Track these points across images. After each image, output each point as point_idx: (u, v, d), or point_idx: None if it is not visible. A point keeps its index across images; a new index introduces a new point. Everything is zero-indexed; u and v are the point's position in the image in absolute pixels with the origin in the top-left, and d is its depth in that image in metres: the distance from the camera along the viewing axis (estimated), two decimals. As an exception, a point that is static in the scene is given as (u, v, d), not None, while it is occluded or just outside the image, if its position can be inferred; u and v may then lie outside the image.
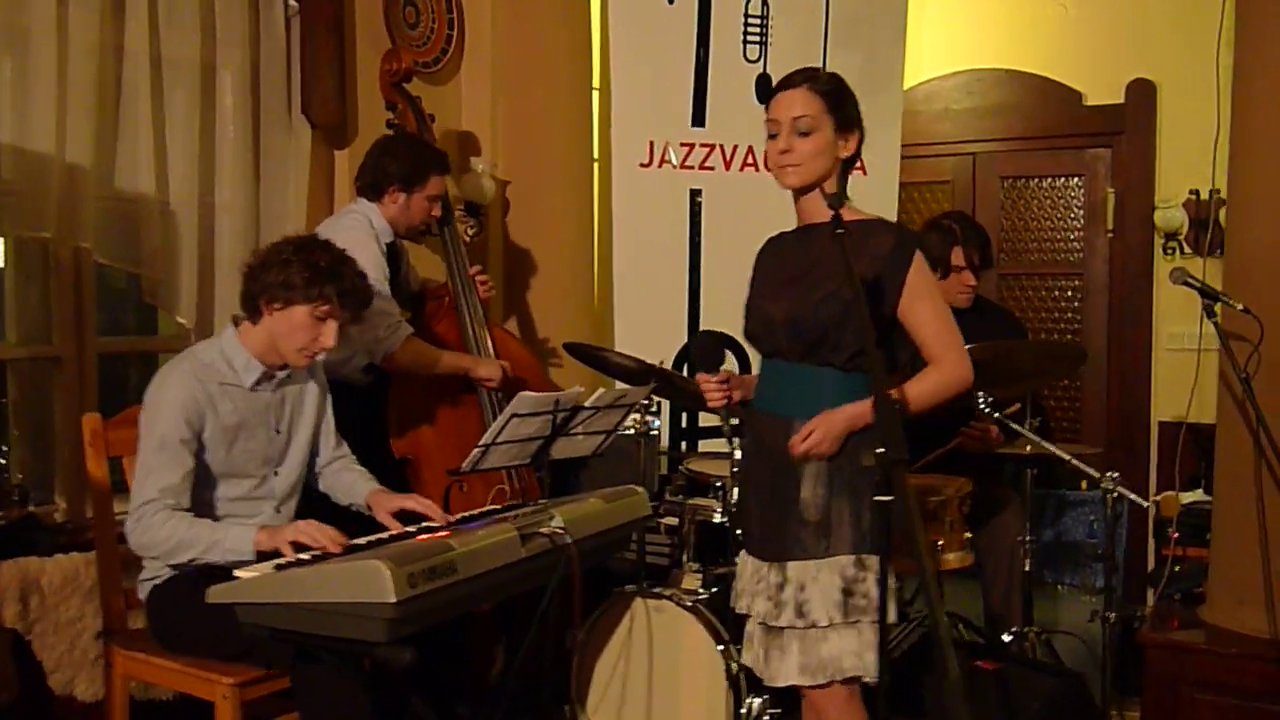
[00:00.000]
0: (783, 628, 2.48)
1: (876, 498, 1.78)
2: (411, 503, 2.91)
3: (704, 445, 4.68)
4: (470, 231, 4.45)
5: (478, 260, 4.61)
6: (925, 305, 2.47)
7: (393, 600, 2.11)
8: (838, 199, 2.27)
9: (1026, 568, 3.52)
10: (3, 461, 3.41)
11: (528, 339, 4.59)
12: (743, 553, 2.66)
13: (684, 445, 4.80)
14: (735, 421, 2.80)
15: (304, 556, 2.43)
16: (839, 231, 2.19)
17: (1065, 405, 5.78)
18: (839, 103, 2.52)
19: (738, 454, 2.86)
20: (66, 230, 3.26)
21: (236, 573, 2.35)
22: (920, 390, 2.46)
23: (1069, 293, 5.75)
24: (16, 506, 3.26)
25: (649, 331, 4.65)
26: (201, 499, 2.77)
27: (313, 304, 2.76)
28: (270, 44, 3.82)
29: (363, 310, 2.91)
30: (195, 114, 3.59)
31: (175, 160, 3.55)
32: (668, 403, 4.50)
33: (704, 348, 2.69)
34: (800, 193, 2.56)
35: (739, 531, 2.81)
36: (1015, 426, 3.27)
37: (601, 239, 4.88)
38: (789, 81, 2.56)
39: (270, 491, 2.91)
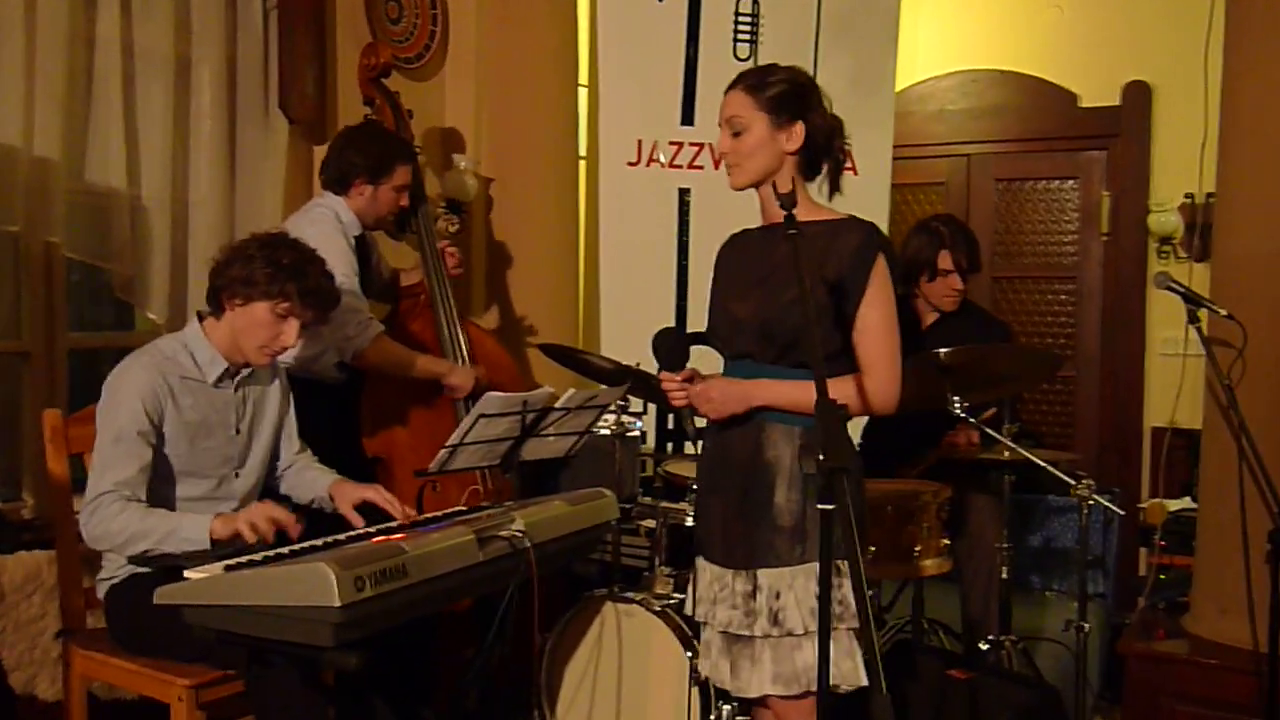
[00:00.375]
0: (754, 637, 2.43)
1: (820, 505, 1.72)
2: (373, 494, 2.87)
3: (691, 448, 4.63)
4: (452, 229, 4.40)
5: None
6: (874, 312, 2.41)
7: (337, 604, 2.07)
8: (789, 198, 2.22)
9: (1005, 574, 3.47)
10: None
11: (509, 339, 4.55)
12: (699, 559, 2.60)
13: (669, 447, 4.76)
14: (702, 423, 2.74)
15: (255, 557, 2.39)
16: (791, 233, 2.14)
17: (1058, 410, 5.73)
18: (770, 97, 2.47)
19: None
20: (35, 224, 3.22)
21: (186, 573, 2.31)
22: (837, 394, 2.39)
23: (1063, 296, 5.70)
24: (-19, 503, 3.23)
25: (636, 332, 4.54)
26: (161, 498, 2.73)
27: (273, 301, 2.73)
28: (248, 38, 3.77)
29: (328, 311, 2.87)
30: (169, 108, 3.55)
31: (148, 154, 3.50)
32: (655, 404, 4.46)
33: (665, 345, 2.64)
34: (762, 191, 2.51)
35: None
36: (991, 432, 3.22)
37: (588, 238, 4.84)
38: (730, 84, 2.54)
39: (231, 493, 2.87)
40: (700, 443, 2.72)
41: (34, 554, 3.13)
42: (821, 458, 1.67)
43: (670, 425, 4.70)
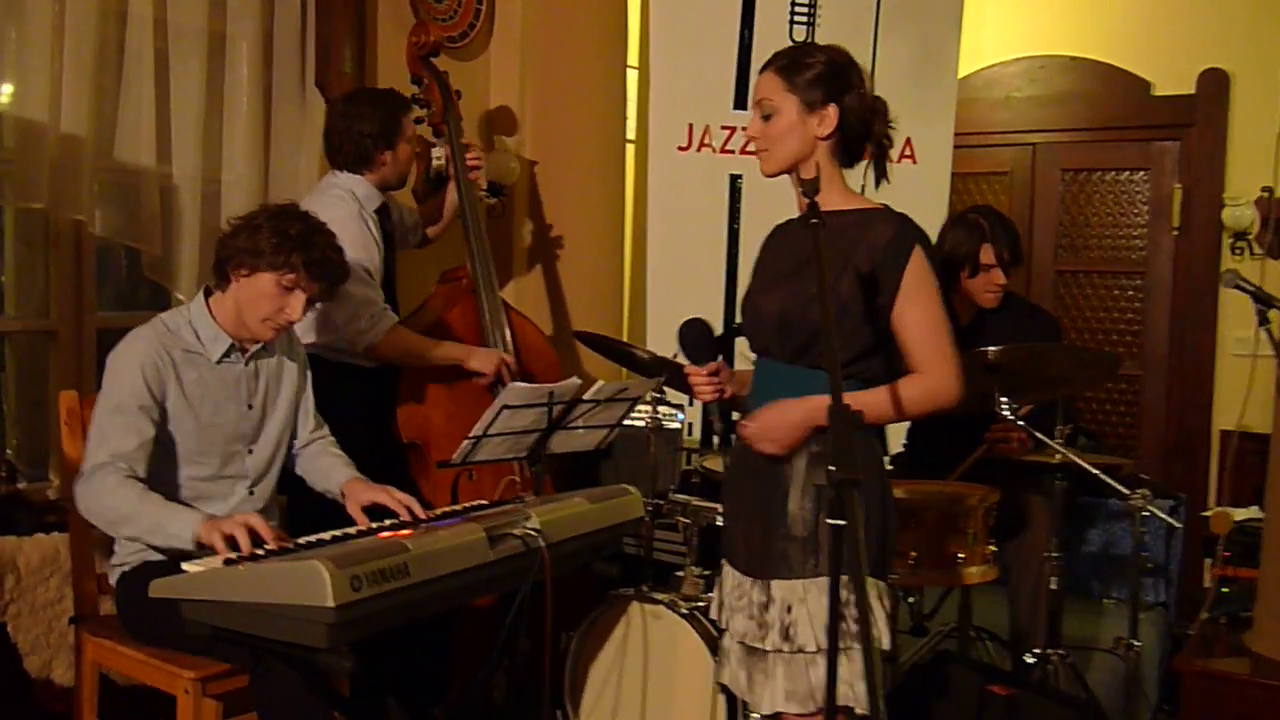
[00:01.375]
0: (767, 651, 2.30)
1: (829, 520, 1.59)
2: (384, 495, 2.75)
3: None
4: (495, 212, 4.31)
5: (501, 248, 4.52)
6: (916, 307, 2.26)
7: (331, 604, 1.97)
8: (813, 185, 2.08)
9: (1054, 585, 3.29)
10: (-6, 437, 3.36)
11: (551, 328, 4.46)
12: (724, 563, 2.48)
13: (715, 441, 4.64)
14: (737, 416, 2.61)
15: (259, 551, 2.31)
16: (813, 222, 2.00)
17: (1122, 410, 5.54)
18: (802, 79, 2.32)
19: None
20: (62, 202, 3.17)
21: (184, 566, 2.23)
22: (897, 398, 2.25)
23: (1130, 292, 5.51)
24: (4, 483, 3.19)
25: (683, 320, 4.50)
26: (170, 479, 2.66)
27: (278, 272, 2.64)
28: (284, 13, 3.70)
29: (336, 285, 2.77)
30: (202, 85, 3.49)
31: (180, 132, 3.45)
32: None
33: (692, 336, 2.50)
34: (794, 180, 2.37)
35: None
36: (1040, 435, 3.05)
37: (636, 224, 4.75)
38: (764, 64, 2.41)
39: (243, 470, 2.78)
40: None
41: (52, 536, 3.08)
42: (832, 469, 1.53)
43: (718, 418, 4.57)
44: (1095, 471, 2.96)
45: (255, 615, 2.08)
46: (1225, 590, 3.77)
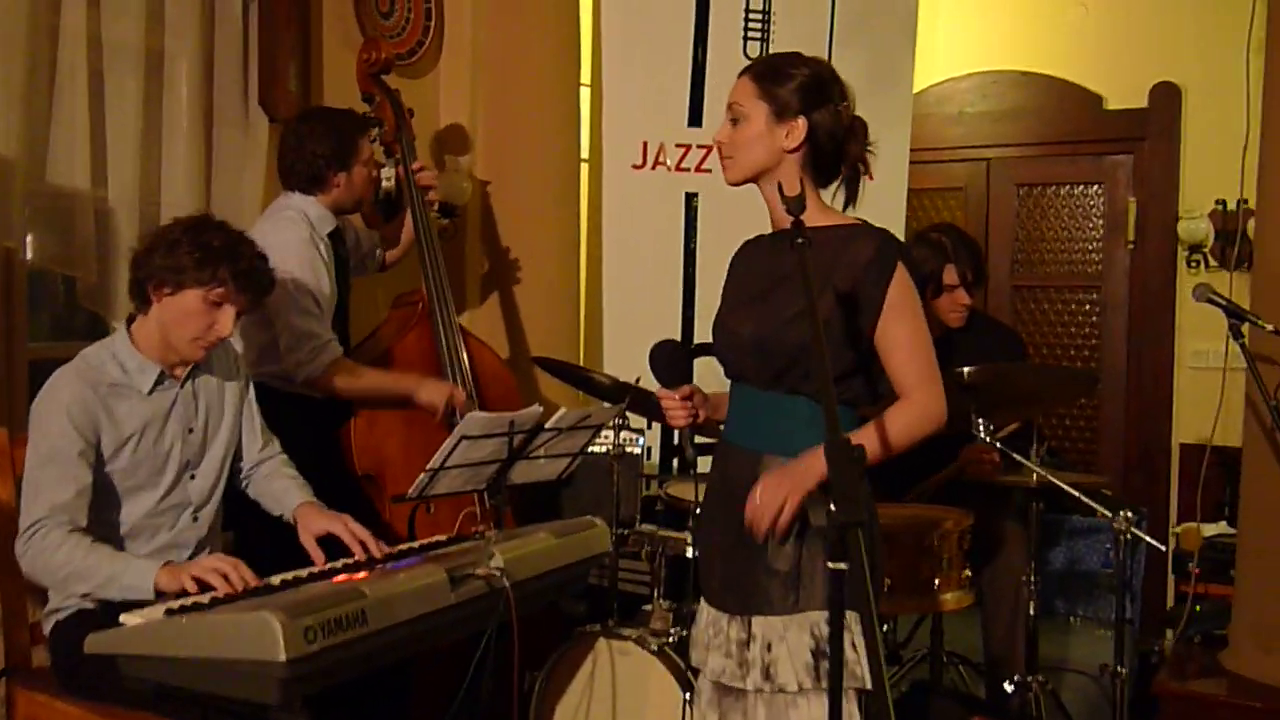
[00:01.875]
0: (747, 690, 2.19)
1: (830, 564, 1.47)
2: (339, 526, 2.60)
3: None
4: (447, 233, 4.18)
5: (453, 271, 4.38)
6: (901, 327, 2.16)
7: (283, 659, 1.83)
8: (797, 203, 1.98)
9: (1031, 610, 3.21)
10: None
11: (506, 351, 4.33)
12: (702, 598, 2.36)
13: (675, 465, 4.53)
14: (712, 440, 2.50)
15: (201, 599, 2.16)
16: (799, 241, 1.89)
17: (1081, 425, 5.52)
18: (776, 88, 2.22)
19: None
20: (-12, 227, 3.00)
21: (121, 618, 2.08)
22: (887, 432, 2.14)
23: (1086, 307, 5.51)
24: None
25: (640, 344, 4.33)
26: (111, 518, 2.50)
27: (205, 287, 2.49)
28: (226, 30, 3.55)
29: (264, 295, 2.63)
30: (139, 104, 3.32)
31: (116, 154, 3.27)
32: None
33: (663, 359, 2.38)
34: (766, 192, 2.27)
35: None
36: (1018, 457, 2.97)
37: (590, 244, 4.64)
38: (743, 69, 2.30)
39: (186, 497, 2.63)
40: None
41: (-18, 583, 2.89)
42: (832, 508, 1.42)
43: (676, 441, 4.47)
44: (1079, 495, 2.88)
45: (201, 671, 1.94)
46: (1198, 609, 3.71)
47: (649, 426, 4.26)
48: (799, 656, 2.13)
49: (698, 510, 2.61)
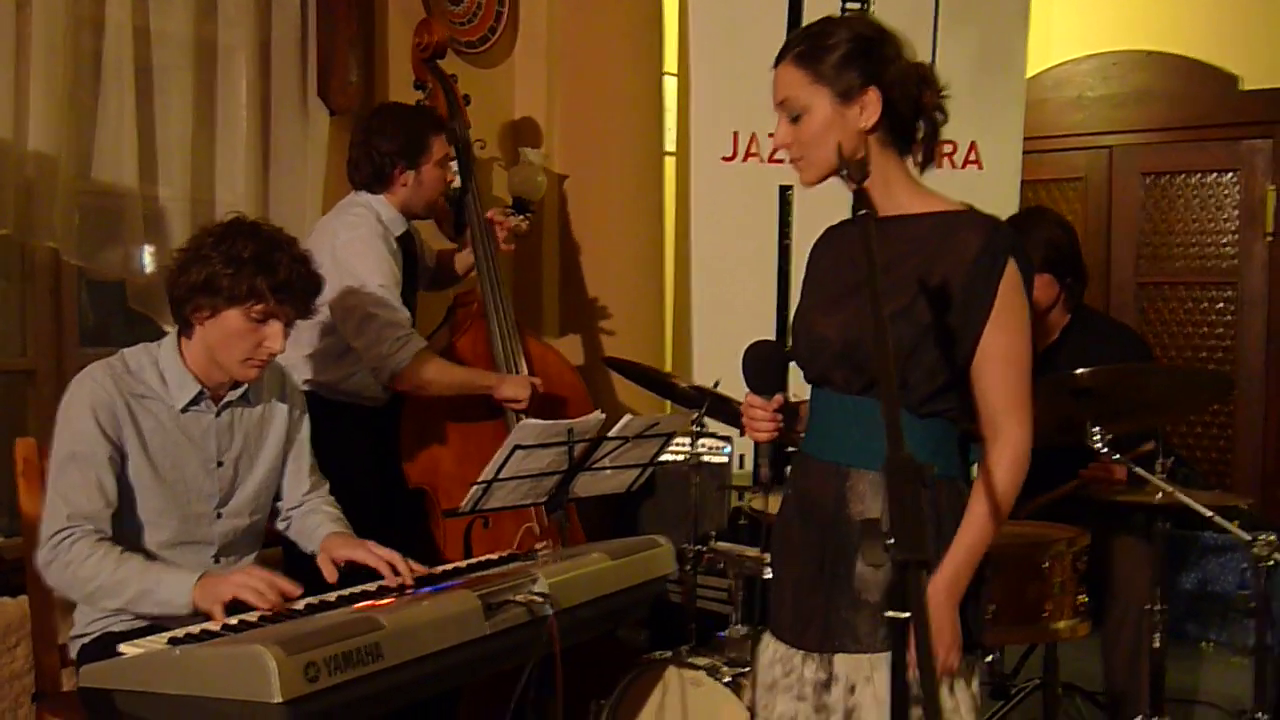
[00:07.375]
0: None
1: (888, 613, 1.18)
2: (362, 553, 2.36)
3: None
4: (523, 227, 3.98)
5: (527, 270, 4.18)
6: (1000, 336, 1.84)
7: (277, 700, 1.61)
8: (860, 168, 1.67)
9: (1157, 643, 2.85)
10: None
11: (585, 355, 4.11)
12: (766, 634, 2.07)
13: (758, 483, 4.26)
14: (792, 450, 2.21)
15: (212, 627, 1.95)
16: (862, 213, 1.59)
17: (1214, 434, 5.14)
18: (828, 65, 1.89)
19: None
20: (29, 227, 2.87)
21: (120, 648, 1.89)
22: (997, 499, 1.84)
23: (1220, 305, 5.16)
24: (-32, 539, 2.89)
25: (731, 347, 4.11)
26: (129, 539, 2.30)
27: (244, 305, 2.27)
28: (283, 19, 3.41)
29: (312, 301, 2.38)
30: (191, 98, 3.19)
31: (166, 150, 3.16)
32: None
33: (758, 361, 2.07)
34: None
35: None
36: (1141, 472, 2.62)
37: (678, 241, 4.45)
38: (777, 56, 1.97)
39: (209, 536, 2.40)
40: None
41: (20, 600, 2.74)
42: (890, 542, 1.12)
43: (754, 460, 4.20)
44: (1214, 517, 2.51)
45: (194, 711, 1.73)
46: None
47: (740, 433, 4.01)
48: (887, 702, 1.83)
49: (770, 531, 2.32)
